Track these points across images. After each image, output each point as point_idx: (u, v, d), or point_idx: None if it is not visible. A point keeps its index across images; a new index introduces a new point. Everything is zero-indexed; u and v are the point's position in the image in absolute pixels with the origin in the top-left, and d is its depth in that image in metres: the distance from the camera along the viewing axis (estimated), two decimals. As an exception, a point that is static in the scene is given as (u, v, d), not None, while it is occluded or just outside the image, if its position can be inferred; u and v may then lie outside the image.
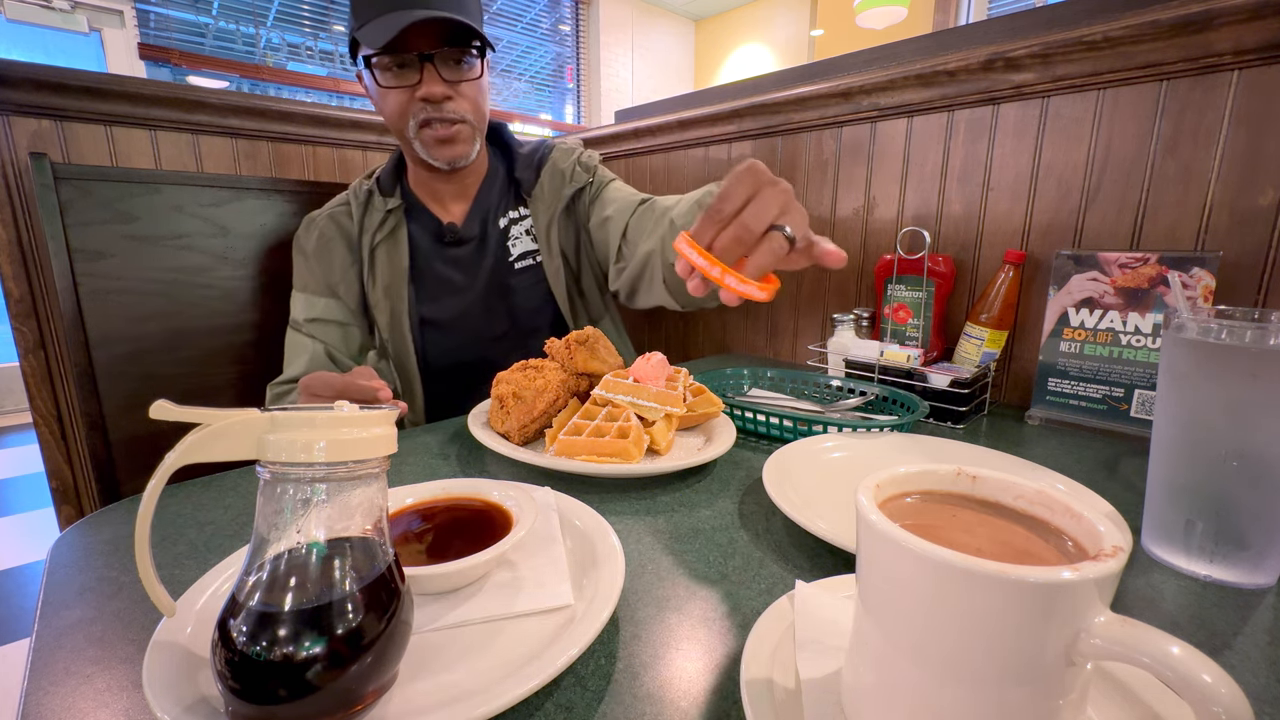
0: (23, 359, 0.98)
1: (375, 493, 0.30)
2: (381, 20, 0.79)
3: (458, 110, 0.87)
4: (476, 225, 0.98)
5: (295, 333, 0.93)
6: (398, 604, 0.29)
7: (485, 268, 0.98)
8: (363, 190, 0.95)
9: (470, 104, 0.89)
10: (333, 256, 0.94)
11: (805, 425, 0.69)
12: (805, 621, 0.33)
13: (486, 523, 0.42)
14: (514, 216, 1.01)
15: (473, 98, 0.89)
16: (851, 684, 0.28)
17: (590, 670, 0.34)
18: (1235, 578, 0.43)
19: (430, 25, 0.80)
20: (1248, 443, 0.42)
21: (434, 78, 0.84)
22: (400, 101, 0.86)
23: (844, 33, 4.55)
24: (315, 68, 3.80)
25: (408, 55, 0.83)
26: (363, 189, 0.95)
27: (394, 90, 0.85)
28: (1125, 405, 0.75)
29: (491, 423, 0.68)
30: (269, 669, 0.26)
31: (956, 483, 0.29)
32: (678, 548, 0.47)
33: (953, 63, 0.89)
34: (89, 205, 0.86)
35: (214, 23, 3.40)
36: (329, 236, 0.95)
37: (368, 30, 0.80)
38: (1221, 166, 0.73)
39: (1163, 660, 0.20)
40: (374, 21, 0.80)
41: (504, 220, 1.00)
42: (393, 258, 0.94)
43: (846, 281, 1.13)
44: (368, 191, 0.95)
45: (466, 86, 0.88)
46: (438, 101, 0.85)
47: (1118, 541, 0.23)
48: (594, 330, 0.74)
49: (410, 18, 0.77)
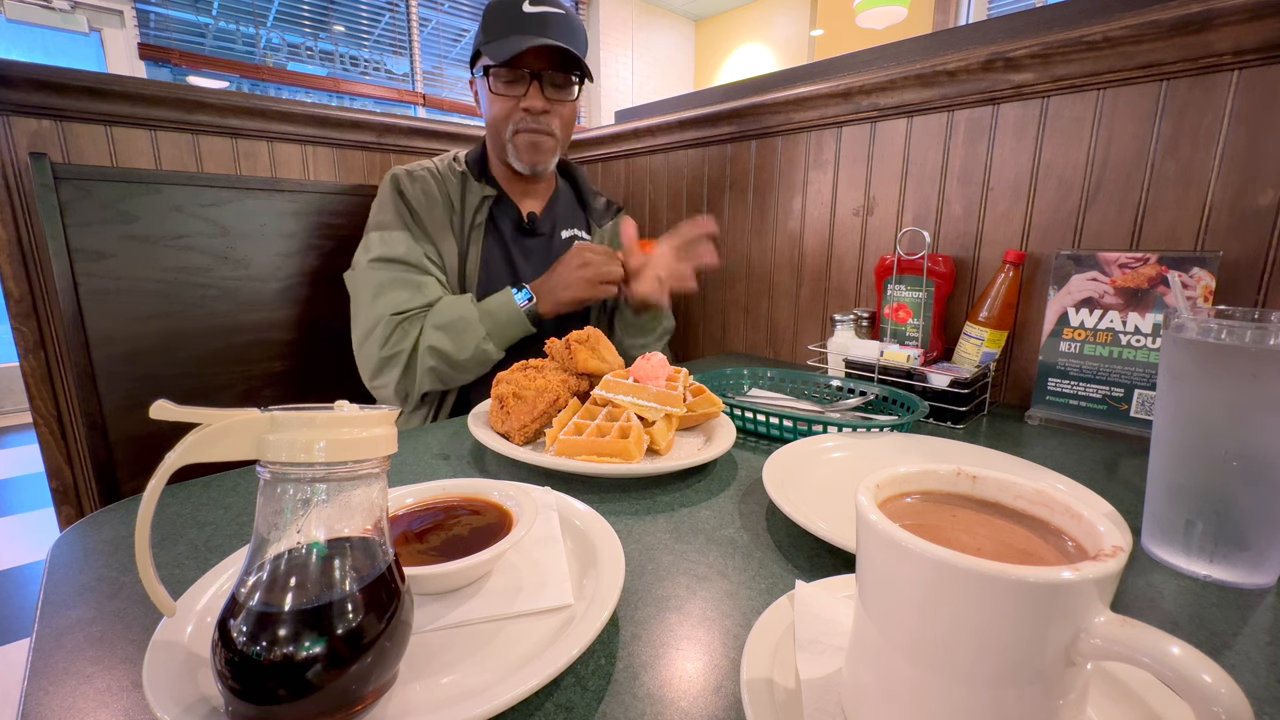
0: (23, 359, 0.98)
1: (375, 493, 0.30)
2: (507, 40, 0.94)
3: (550, 124, 1.02)
4: (548, 224, 1.13)
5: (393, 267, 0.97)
6: (398, 604, 0.29)
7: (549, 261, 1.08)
8: (455, 172, 1.06)
9: (561, 122, 1.04)
10: (434, 215, 1.03)
11: (805, 425, 0.69)
12: (805, 621, 0.33)
13: (486, 523, 0.42)
14: (577, 233, 1.17)
15: (564, 117, 1.04)
16: (851, 684, 0.28)
17: (590, 670, 0.34)
18: (1235, 578, 0.43)
19: (545, 50, 0.96)
20: (1248, 443, 0.41)
21: (537, 93, 0.99)
22: (506, 108, 1.00)
23: (844, 33, 4.55)
24: (315, 68, 3.80)
25: (521, 72, 0.98)
26: (455, 170, 1.07)
27: (502, 98, 1.00)
28: (1125, 405, 0.75)
29: (492, 423, 0.68)
30: (269, 669, 0.26)
31: (956, 483, 0.29)
32: (678, 548, 0.47)
33: (953, 63, 0.89)
34: (89, 205, 0.86)
35: (214, 23, 3.40)
36: (434, 197, 1.03)
37: (493, 46, 0.95)
38: (1221, 166, 0.73)
39: (1162, 660, 0.20)
40: (500, 40, 0.95)
41: (568, 232, 1.16)
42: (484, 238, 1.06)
43: (846, 281, 1.13)
44: (460, 174, 1.06)
45: (562, 107, 1.03)
46: (536, 113, 1.00)
47: (1118, 541, 0.23)
48: (594, 330, 0.74)
49: (532, 42, 0.93)
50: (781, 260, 1.22)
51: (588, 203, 1.21)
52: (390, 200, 1.02)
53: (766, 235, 1.24)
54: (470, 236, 1.05)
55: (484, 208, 1.06)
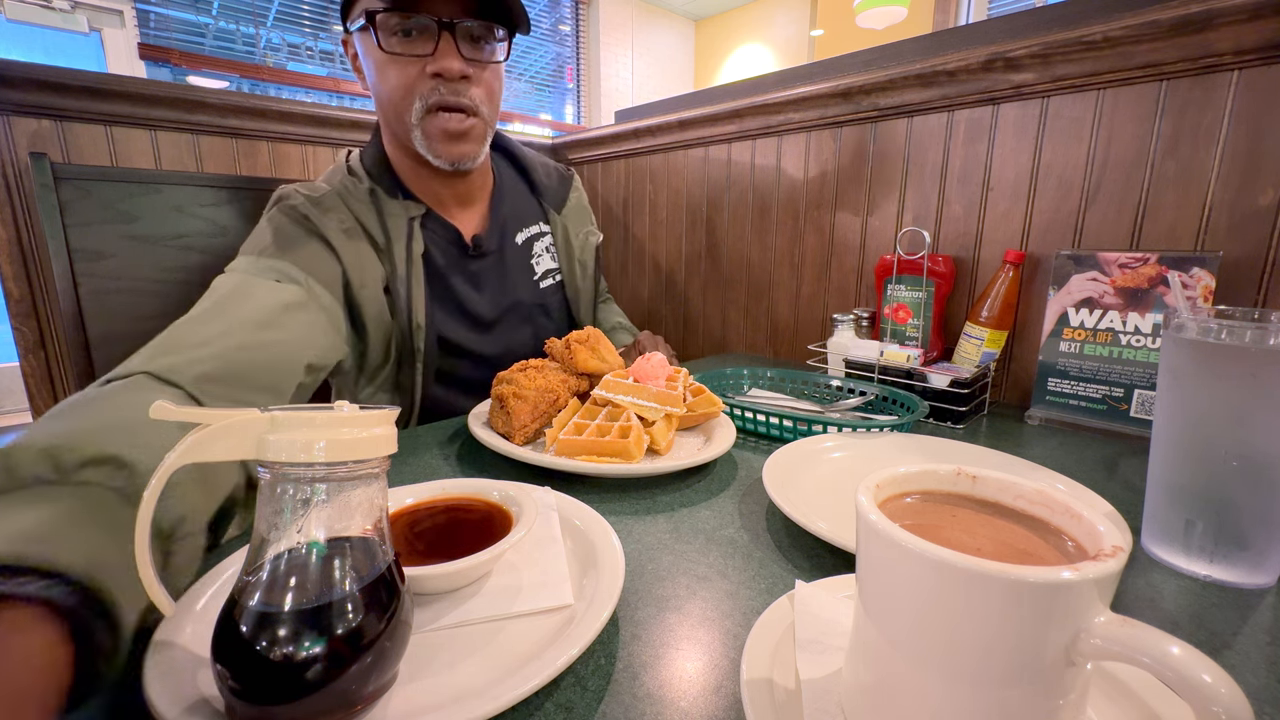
0: (23, 359, 0.98)
1: (375, 493, 0.30)
2: None
3: (472, 96, 0.75)
4: (495, 238, 0.89)
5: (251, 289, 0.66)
6: (398, 604, 0.29)
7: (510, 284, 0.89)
8: (360, 190, 0.78)
9: (486, 92, 0.77)
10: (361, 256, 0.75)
11: (805, 425, 0.69)
12: (805, 621, 0.33)
13: (486, 523, 0.42)
14: (535, 232, 0.94)
15: (490, 85, 0.77)
16: (851, 684, 0.28)
17: (590, 670, 0.34)
18: (1235, 578, 0.43)
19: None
20: (1248, 443, 0.41)
21: (451, 51, 0.71)
22: (407, 76, 0.71)
23: (844, 33, 4.55)
24: (315, 68, 3.79)
25: (424, 19, 0.69)
26: (358, 188, 0.78)
27: (400, 59, 0.71)
28: (1125, 405, 0.75)
29: (492, 423, 0.68)
30: (269, 669, 0.26)
31: (956, 483, 0.29)
32: (678, 548, 0.47)
33: (953, 63, 0.89)
34: (89, 205, 0.85)
35: (214, 23, 3.39)
36: (351, 230, 0.75)
37: None
38: (1221, 166, 0.73)
39: (1162, 660, 0.20)
40: None
41: (522, 235, 0.92)
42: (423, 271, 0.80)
43: (846, 281, 1.13)
44: (368, 191, 0.78)
45: (486, 71, 0.75)
46: (452, 80, 0.72)
47: (1118, 541, 0.23)
48: (594, 330, 0.74)
49: None
50: (781, 260, 1.22)
51: (537, 183, 0.96)
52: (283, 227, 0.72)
53: (766, 235, 1.24)
54: (411, 277, 0.77)
55: (416, 233, 0.78)
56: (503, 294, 0.88)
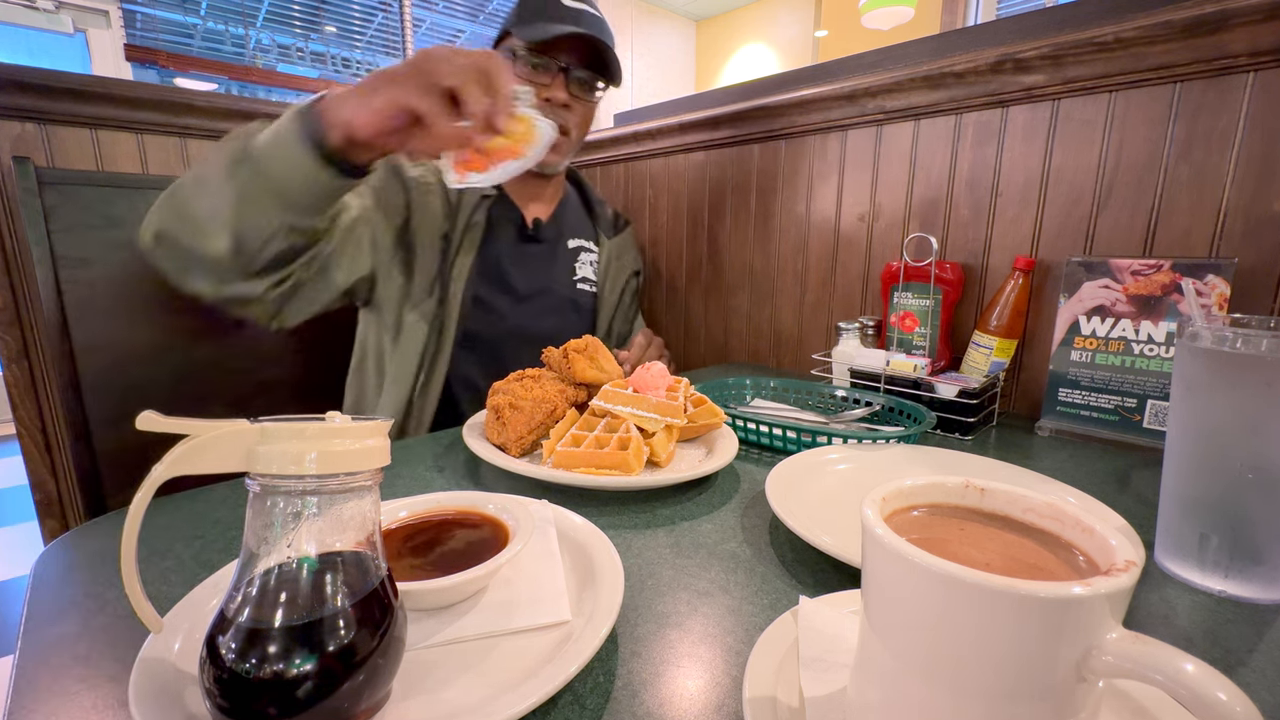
0: (6, 368, 0.96)
1: (368, 506, 0.30)
2: (542, 24, 0.91)
3: (569, 121, 0.97)
4: (554, 231, 1.09)
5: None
6: (391, 620, 0.29)
7: (551, 272, 1.07)
8: None
9: (579, 121, 1.00)
10: (427, 206, 0.96)
11: (809, 436, 0.69)
12: (809, 638, 0.32)
13: (482, 537, 0.42)
14: (584, 245, 1.13)
15: (583, 118, 1.01)
16: (857, 702, 0.27)
17: (589, 688, 0.33)
18: (1251, 593, 0.42)
19: (580, 42, 0.93)
20: (1264, 454, 0.41)
21: (561, 86, 0.95)
22: None
23: (849, 33, 4.54)
24: (306, 70, 3.79)
25: (551, 60, 0.94)
26: None
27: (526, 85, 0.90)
28: (1138, 416, 0.74)
29: (488, 434, 0.67)
30: (258, 687, 0.25)
31: (965, 496, 0.29)
32: (679, 562, 0.46)
33: (960, 64, 0.88)
34: (74, 210, 0.84)
35: (202, 23, 3.36)
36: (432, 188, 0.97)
37: (526, 29, 0.92)
38: (1237, 171, 0.72)
39: (1176, 678, 0.20)
40: (534, 24, 0.92)
41: (574, 241, 1.12)
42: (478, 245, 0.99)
43: (851, 289, 1.12)
44: None
45: (583, 107, 1.00)
46: (558, 106, 0.95)
47: (1130, 556, 0.23)
48: (592, 339, 0.74)
49: (568, 29, 0.90)
50: (785, 267, 1.21)
51: (596, 212, 1.18)
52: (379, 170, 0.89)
53: (770, 241, 1.23)
54: (462, 243, 0.97)
55: (481, 209, 0.99)
56: (542, 276, 1.05)
